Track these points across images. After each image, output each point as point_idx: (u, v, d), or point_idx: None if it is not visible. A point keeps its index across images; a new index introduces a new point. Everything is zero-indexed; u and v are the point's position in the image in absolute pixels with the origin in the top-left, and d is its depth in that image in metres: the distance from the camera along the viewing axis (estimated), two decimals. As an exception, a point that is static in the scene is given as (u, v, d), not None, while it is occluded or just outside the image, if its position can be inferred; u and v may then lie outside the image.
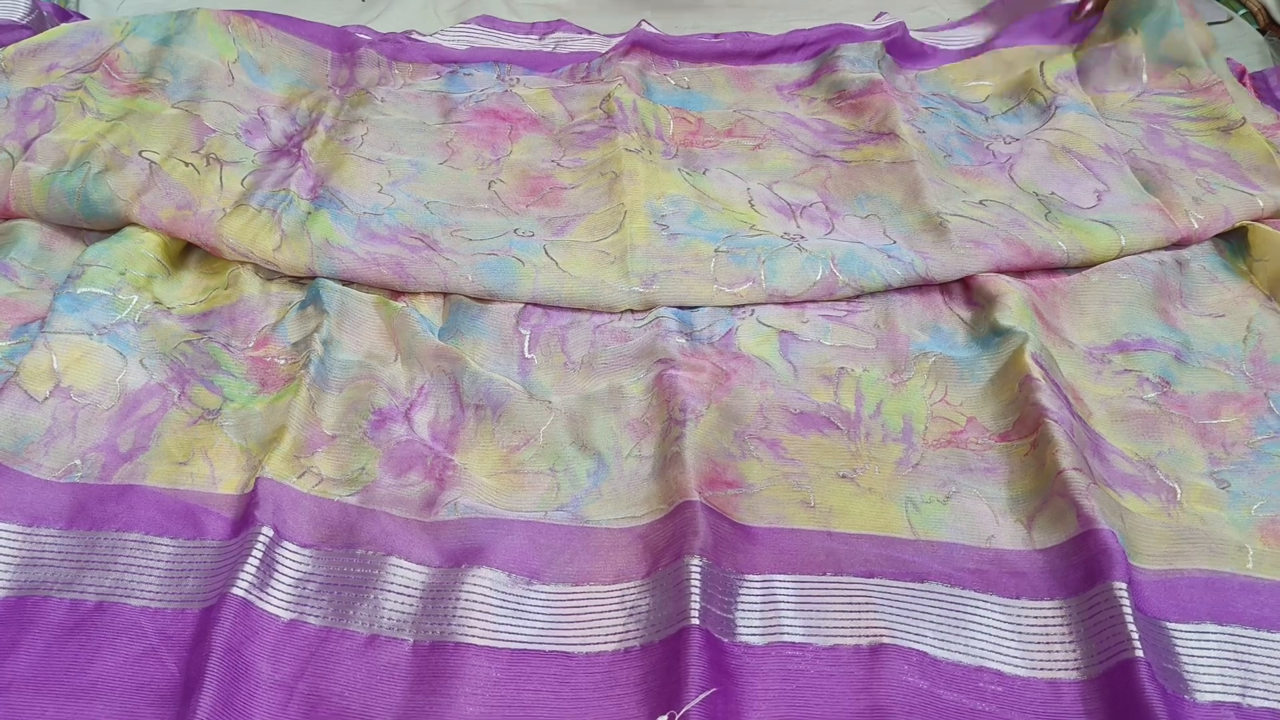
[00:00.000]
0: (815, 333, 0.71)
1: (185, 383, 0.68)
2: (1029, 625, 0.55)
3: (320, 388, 0.68)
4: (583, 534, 0.60)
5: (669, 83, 0.94)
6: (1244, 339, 0.71)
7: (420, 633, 0.55)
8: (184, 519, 0.61)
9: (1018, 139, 0.86)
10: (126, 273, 0.73)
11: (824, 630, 0.55)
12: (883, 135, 0.86)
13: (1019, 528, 0.59)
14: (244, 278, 0.75)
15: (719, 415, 0.66)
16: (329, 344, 0.70)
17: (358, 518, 0.61)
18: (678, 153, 0.87)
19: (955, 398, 0.67)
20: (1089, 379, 0.69)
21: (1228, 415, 0.66)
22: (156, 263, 0.75)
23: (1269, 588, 0.57)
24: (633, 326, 0.72)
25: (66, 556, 0.58)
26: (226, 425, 0.66)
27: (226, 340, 0.71)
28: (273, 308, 0.74)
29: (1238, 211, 0.78)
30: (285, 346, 0.71)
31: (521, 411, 0.67)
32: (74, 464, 0.63)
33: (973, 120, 0.90)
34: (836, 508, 0.61)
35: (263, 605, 0.55)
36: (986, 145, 0.86)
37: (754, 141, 0.87)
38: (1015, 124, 0.89)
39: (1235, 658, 0.54)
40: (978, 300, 0.73)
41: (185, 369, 0.69)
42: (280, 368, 0.70)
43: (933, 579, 0.57)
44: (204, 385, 0.68)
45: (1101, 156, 0.83)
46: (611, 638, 0.55)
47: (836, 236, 0.77)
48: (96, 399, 0.66)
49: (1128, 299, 0.73)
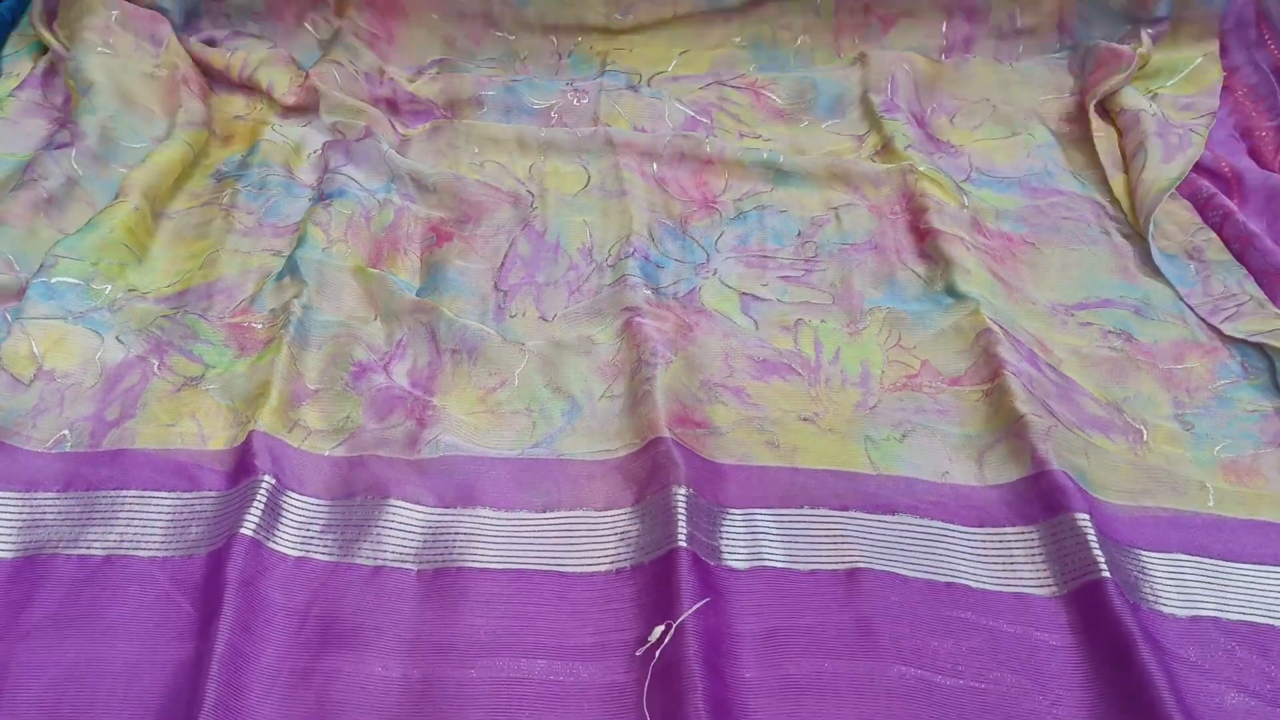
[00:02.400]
0: (774, 293, 0.79)
1: (164, 353, 0.72)
2: (992, 548, 0.62)
3: (300, 345, 0.73)
4: (560, 465, 0.66)
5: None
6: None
7: (423, 562, 0.61)
8: (178, 474, 0.65)
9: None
10: (99, 263, 0.77)
11: (803, 557, 0.61)
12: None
13: (971, 464, 0.66)
14: (222, 258, 0.80)
15: (685, 364, 0.72)
16: (308, 308, 0.75)
17: (348, 469, 0.66)
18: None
19: (909, 342, 0.74)
20: (1056, 330, 0.77)
21: (1191, 361, 0.74)
22: (127, 250, 0.79)
23: (1230, 524, 0.64)
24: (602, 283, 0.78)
25: (67, 517, 0.62)
26: (211, 388, 0.70)
27: (203, 311, 0.75)
28: (250, 282, 0.78)
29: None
30: (263, 313, 0.75)
31: (496, 354, 0.73)
32: (63, 434, 0.67)
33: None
34: (800, 446, 0.68)
35: (271, 545, 0.60)
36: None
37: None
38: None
39: (1208, 581, 0.61)
40: (931, 255, 0.81)
41: (163, 341, 0.73)
42: (258, 331, 0.74)
43: (902, 511, 0.63)
44: (183, 355, 0.72)
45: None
46: (604, 559, 0.61)
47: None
48: (79, 378, 0.70)
49: (1086, 264, 0.82)
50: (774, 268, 0.81)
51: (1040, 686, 0.55)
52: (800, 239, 0.83)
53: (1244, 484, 0.66)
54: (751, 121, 0.95)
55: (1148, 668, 0.54)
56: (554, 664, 0.56)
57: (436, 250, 0.81)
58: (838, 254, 0.82)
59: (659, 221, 0.84)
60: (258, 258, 0.81)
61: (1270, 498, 0.65)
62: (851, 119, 0.95)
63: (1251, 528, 0.64)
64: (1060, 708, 0.54)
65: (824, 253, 0.82)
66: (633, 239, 0.81)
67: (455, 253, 0.81)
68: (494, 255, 0.82)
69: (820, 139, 0.94)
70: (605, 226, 0.84)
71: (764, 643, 0.57)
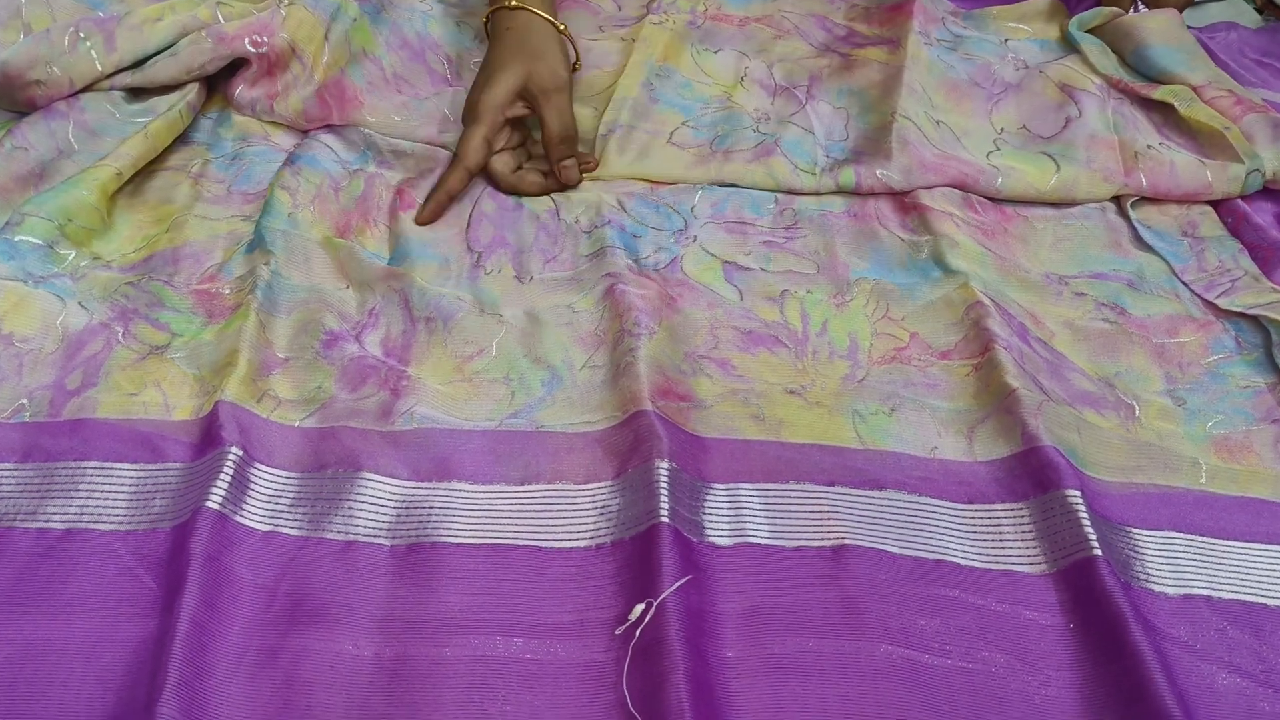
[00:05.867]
0: (757, 261, 0.78)
1: (129, 321, 0.71)
2: (981, 525, 0.61)
3: (269, 311, 0.71)
4: (539, 438, 0.65)
5: None
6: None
7: (396, 538, 0.59)
8: (141, 445, 0.63)
9: (1028, 66, 0.94)
10: (67, 225, 0.75)
11: (788, 534, 0.60)
12: (888, 41, 0.95)
13: (960, 439, 0.66)
14: (189, 223, 0.78)
15: (668, 335, 0.71)
16: (277, 274, 0.73)
17: (319, 440, 0.64)
18: (702, 25, 0.97)
19: (897, 313, 0.74)
20: (1049, 301, 0.76)
21: (1185, 335, 0.74)
22: (98, 215, 0.77)
23: (1222, 501, 0.63)
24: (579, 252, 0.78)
25: (25, 488, 0.61)
26: (176, 357, 0.69)
27: (169, 277, 0.74)
28: (219, 248, 0.77)
29: (1184, 175, 0.84)
30: (230, 279, 0.74)
31: (472, 324, 0.72)
32: (21, 404, 0.65)
33: (988, 45, 0.97)
34: (785, 420, 0.67)
35: (238, 519, 0.59)
36: (992, 68, 0.94)
37: (775, 32, 0.97)
38: (1033, 49, 0.97)
39: (1200, 559, 0.60)
40: (915, 228, 0.80)
41: (128, 309, 0.72)
42: (226, 297, 0.73)
43: (890, 486, 0.63)
44: (148, 323, 0.71)
45: (1091, 88, 0.91)
46: (584, 534, 0.60)
47: (798, 120, 0.87)
48: (39, 343, 0.69)
49: (1079, 238, 0.81)
50: (755, 234, 0.80)
51: (1029, 666, 0.55)
52: (778, 206, 0.83)
53: (1236, 461, 0.66)
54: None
55: (1139, 647, 0.53)
56: (531, 642, 0.55)
57: (400, 215, 0.80)
58: (818, 219, 0.81)
59: (627, 191, 0.83)
60: (227, 223, 0.79)
61: (1263, 474, 0.65)
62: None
63: (1243, 505, 0.63)
64: (1050, 688, 0.54)
65: (804, 219, 0.81)
66: (604, 210, 0.80)
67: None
68: (458, 218, 0.81)
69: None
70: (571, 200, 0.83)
71: (747, 621, 0.56)
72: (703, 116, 0.88)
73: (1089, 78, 0.91)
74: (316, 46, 0.87)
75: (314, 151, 0.83)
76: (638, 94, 0.89)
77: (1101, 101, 0.89)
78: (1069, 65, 0.93)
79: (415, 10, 0.93)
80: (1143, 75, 0.93)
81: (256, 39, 0.86)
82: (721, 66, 0.94)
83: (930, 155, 0.83)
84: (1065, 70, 0.92)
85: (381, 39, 0.89)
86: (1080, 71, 0.92)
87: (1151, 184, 0.84)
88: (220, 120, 0.89)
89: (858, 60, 0.94)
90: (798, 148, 0.85)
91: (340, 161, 0.84)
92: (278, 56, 0.87)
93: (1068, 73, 0.92)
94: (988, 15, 1.01)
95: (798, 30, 0.98)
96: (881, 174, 0.82)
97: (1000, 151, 0.86)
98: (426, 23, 0.92)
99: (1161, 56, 0.92)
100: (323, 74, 0.87)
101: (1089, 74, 0.91)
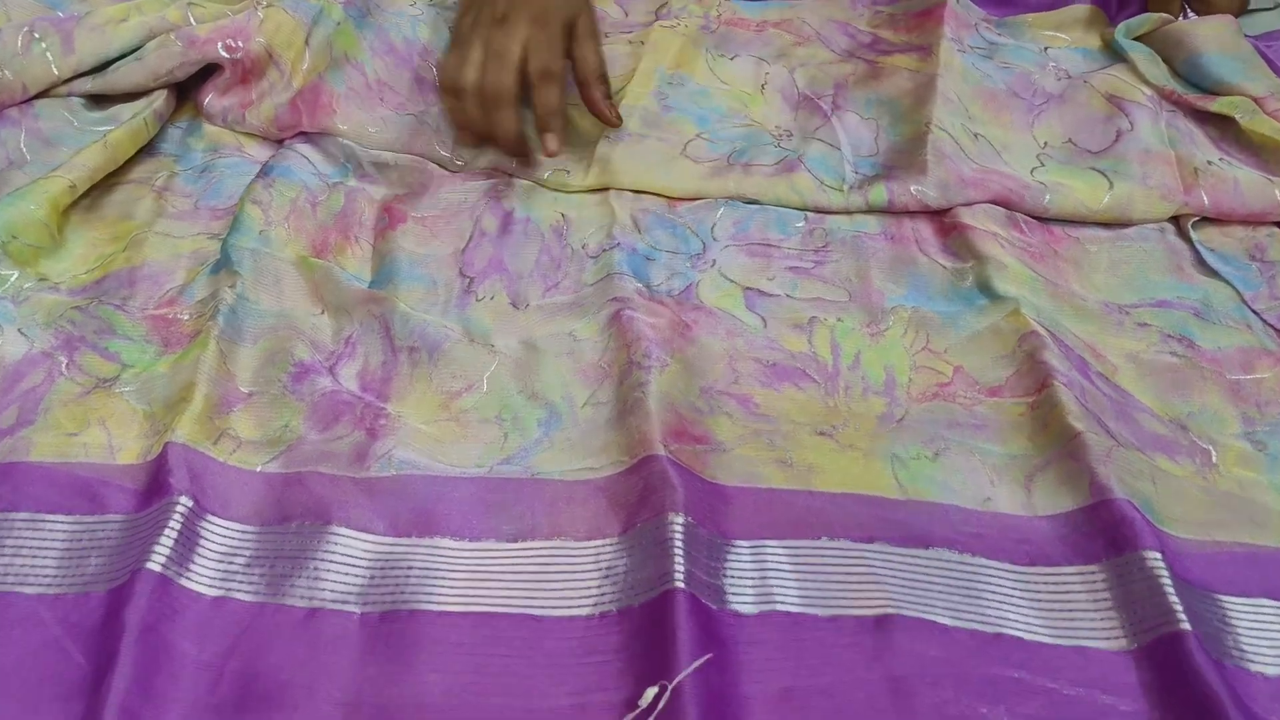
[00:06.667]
0: (782, 287, 0.70)
1: (74, 350, 0.63)
2: (1046, 591, 0.53)
3: (232, 339, 0.63)
4: (534, 487, 0.57)
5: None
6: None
7: (368, 604, 0.51)
8: (79, 493, 0.56)
9: (1071, 76, 0.86)
10: (10, 242, 0.67)
11: (823, 600, 0.52)
12: (918, 48, 0.88)
13: (1017, 489, 0.58)
14: (149, 240, 0.71)
15: (682, 367, 0.64)
16: (243, 298, 0.66)
17: (283, 488, 0.57)
18: (717, 30, 0.90)
19: (939, 344, 0.66)
20: (1110, 332, 0.68)
21: (1261, 370, 0.66)
22: (46, 232, 0.69)
23: None
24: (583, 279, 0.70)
25: None
26: (126, 391, 0.61)
27: (122, 301, 0.66)
28: (181, 269, 0.69)
29: (1249, 192, 0.76)
30: (191, 303, 0.67)
31: (461, 355, 0.64)
32: None
33: (1026, 53, 0.90)
34: (816, 465, 0.59)
35: (183, 582, 0.51)
36: (1032, 78, 0.86)
37: (795, 38, 0.90)
38: (1076, 57, 0.89)
39: None
40: (957, 251, 0.72)
41: (74, 336, 0.64)
42: (184, 323, 0.65)
43: (938, 544, 0.55)
44: (96, 352, 0.63)
45: (1142, 99, 0.83)
46: (585, 601, 0.52)
47: (823, 135, 0.80)
48: None
49: (1137, 261, 0.73)
50: (780, 258, 0.72)
51: (1110, 762, 0.47)
52: (807, 225, 0.75)
53: (1329, 514, 0.58)
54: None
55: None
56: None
57: (389, 233, 0.72)
58: (850, 241, 0.73)
59: (643, 208, 0.75)
60: (192, 241, 0.72)
61: (1362, 531, 0.57)
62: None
63: (1346, 568, 0.55)
64: (1135, 788, 0.46)
65: (835, 240, 0.74)
66: (615, 231, 0.73)
67: (412, 237, 0.72)
68: (458, 237, 0.73)
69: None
70: (582, 217, 0.75)
71: (778, 706, 0.48)
72: (720, 130, 0.81)
73: (1139, 88, 0.84)
74: (296, 52, 0.80)
75: (289, 162, 0.76)
76: (648, 102, 0.82)
77: (1154, 114, 0.82)
78: (1116, 75, 0.85)
79: (404, 14, 0.85)
80: (1195, 86, 0.86)
81: (230, 43, 0.79)
82: (739, 73, 0.86)
83: (969, 170, 0.75)
84: (1113, 80, 0.85)
85: (366, 43, 0.82)
86: (1129, 81, 0.84)
87: (1214, 203, 0.76)
88: (190, 130, 0.81)
89: (885, 68, 0.86)
90: (823, 163, 0.77)
91: (318, 174, 0.76)
92: (253, 63, 0.80)
93: (1115, 83, 0.84)
94: (1022, 23, 0.94)
95: (819, 36, 0.91)
96: (916, 190, 0.74)
97: (1045, 167, 0.78)
98: (415, 27, 0.85)
99: (1217, 65, 0.85)
100: (301, 81, 0.80)
101: (1138, 84, 0.84)
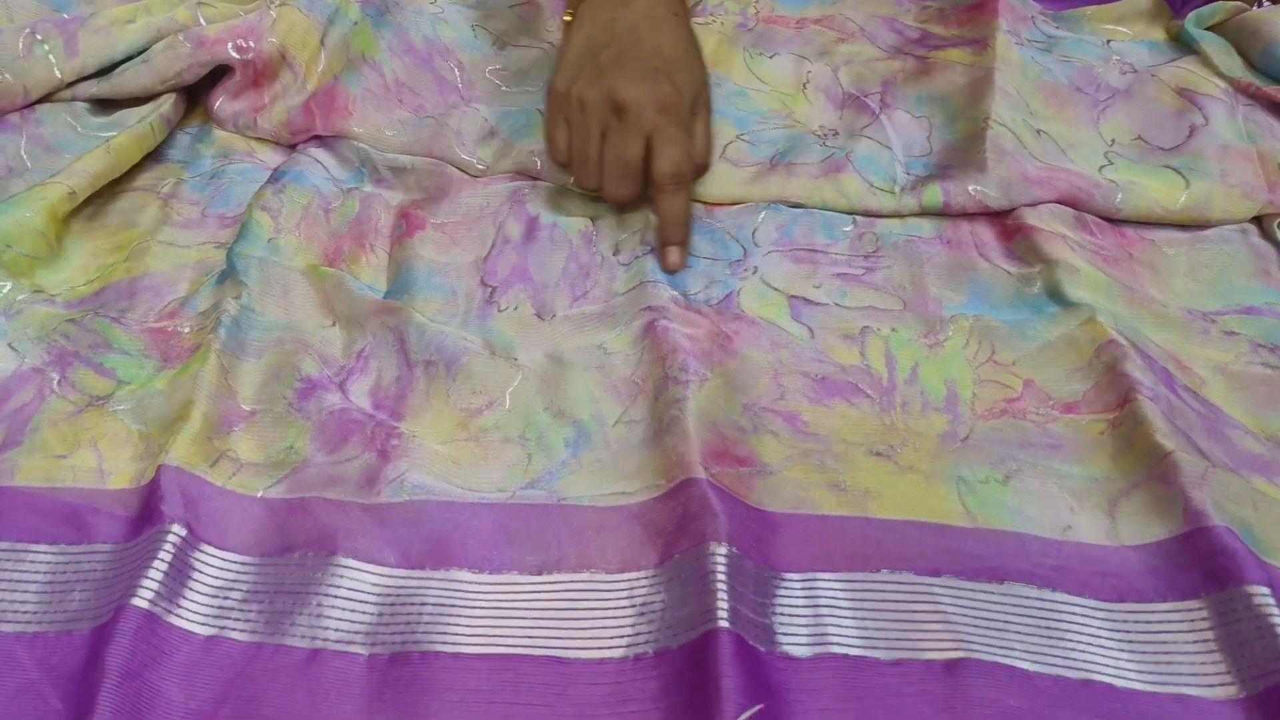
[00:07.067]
0: (830, 296, 0.64)
1: (67, 366, 0.59)
2: (1139, 632, 0.47)
3: (234, 354, 0.59)
4: (561, 513, 0.52)
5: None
6: None
7: (377, 644, 0.46)
8: (66, 521, 0.51)
9: (1136, 70, 0.80)
10: (5, 251, 0.63)
11: (885, 642, 0.47)
12: (972, 41, 0.82)
13: (1100, 516, 0.52)
14: (152, 250, 0.67)
15: (723, 382, 0.58)
16: (247, 309, 0.61)
17: (286, 515, 0.52)
18: (754, 28, 0.85)
19: (1005, 355, 0.60)
20: (1194, 341, 0.62)
21: None
22: (44, 241, 0.65)
23: None
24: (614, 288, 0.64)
25: None
26: (120, 409, 0.57)
27: (120, 314, 0.62)
28: (185, 280, 0.65)
29: None
30: (193, 315, 0.62)
31: (482, 369, 0.59)
32: None
33: (1088, 46, 0.84)
34: (872, 489, 0.53)
35: (172, 620, 0.46)
36: (1095, 71, 0.80)
37: (838, 34, 0.85)
38: (1141, 50, 0.83)
39: None
40: (1021, 255, 0.67)
41: (67, 351, 0.60)
42: (185, 336, 0.61)
43: (1013, 578, 0.49)
44: (90, 368, 0.59)
45: (1215, 93, 0.77)
46: (618, 642, 0.47)
47: (872, 132, 0.74)
48: None
49: (1219, 265, 0.67)
50: (827, 264, 0.67)
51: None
52: (855, 229, 0.69)
53: None
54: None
55: None
56: (548, 790, 0.42)
57: (407, 241, 0.68)
58: (904, 246, 0.68)
59: None
60: (197, 251, 0.67)
61: None
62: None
63: None
64: None
65: (886, 245, 0.68)
66: (648, 236, 0.67)
67: (431, 244, 0.68)
68: (480, 244, 0.68)
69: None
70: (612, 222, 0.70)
71: (837, 764, 0.43)
72: (761, 132, 0.76)
73: (1212, 81, 0.78)
74: (310, 53, 0.76)
75: (301, 167, 0.71)
76: None
77: (1229, 107, 0.76)
78: (1186, 67, 0.79)
79: (424, 12, 0.81)
80: (1274, 78, 0.80)
81: (242, 44, 0.75)
82: (779, 72, 0.81)
83: (1033, 168, 0.70)
84: (1182, 73, 0.79)
85: (384, 43, 0.78)
86: (1200, 74, 0.78)
87: None
88: (200, 135, 0.77)
89: (937, 63, 0.81)
90: (872, 163, 0.72)
91: (332, 179, 0.72)
92: (265, 64, 0.75)
93: (1186, 75, 0.78)
94: (1081, 16, 0.88)
95: (863, 32, 0.86)
96: (975, 190, 0.69)
97: (1114, 165, 0.72)
98: (436, 26, 0.80)
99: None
100: (316, 83, 0.75)
101: (1211, 76, 0.78)
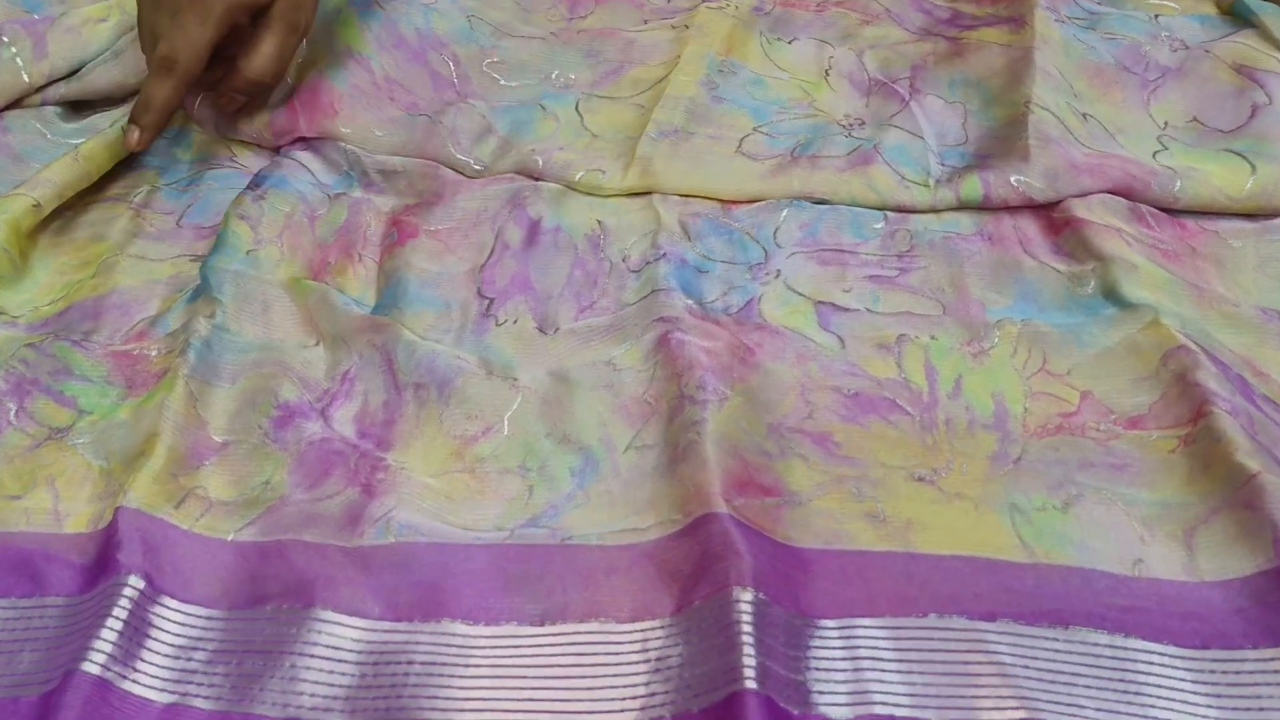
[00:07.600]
0: (861, 300, 0.59)
1: (25, 395, 0.54)
2: (1226, 683, 0.41)
3: (205, 379, 0.53)
4: (566, 554, 0.47)
5: None
6: None
7: (358, 711, 0.41)
8: (16, 571, 0.46)
9: (1188, 46, 0.75)
10: None
11: (936, 699, 0.41)
12: (1008, 20, 0.77)
13: (1175, 547, 0.46)
14: (121, 265, 0.62)
15: (745, 401, 0.53)
16: (221, 329, 0.56)
17: (259, 561, 0.46)
18: (771, 11, 0.81)
19: (1059, 365, 0.54)
20: (1271, 345, 0.56)
21: None
22: (7, 259, 0.61)
23: None
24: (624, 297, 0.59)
25: None
26: (80, 443, 0.52)
27: (84, 336, 0.57)
28: (155, 298, 0.60)
29: None
30: (162, 337, 0.57)
31: (477, 392, 0.54)
32: None
33: (1134, 22, 0.78)
34: (915, 520, 0.48)
35: (127, 686, 0.41)
36: (1142, 49, 0.75)
37: (862, 17, 0.81)
38: (1193, 25, 0.78)
39: None
40: (1072, 252, 0.61)
41: (25, 379, 0.55)
42: (152, 360, 0.56)
43: (1079, 622, 0.43)
44: (50, 397, 0.54)
45: (1277, 68, 0.71)
46: (631, 703, 0.41)
47: (901, 121, 0.70)
48: None
49: None
50: (856, 265, 0.61)
51: None
52: (887, 225, 0.64)
53: None
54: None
55: None
56: None
57: (398, 250, 0.62)
58: (941, 244, 0.62)
59: (693, 212, 0.65)
60: (171, 264, 0.62)
61: None
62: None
63: None
64: None
65: (921, 243, 0.63)
66: (660, 240, 0.62)
67: (423, 253, 0.62)
68: (477, 251, 0.63)
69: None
70: (622, 225, 0.64)
71: None
72: (780, 123, 0.70)
73: (1273, 55, 0.72)
74: None
75: (284, 171, 0.66)
76: (696, 92, 0.71)
77: None
78: (1244, 42, 0.73)
79: (414, 3, 0.76)
80: None
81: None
82: (799, 59, 0.76)
83: (1081, 155, 0.64)
84: (1239, 48, 0.73)
85: (371, 36, 0.72)
86: (1260, 49, 0.73)
87: None
88: (177, 139, 0.72)
89: (970, 44, 0.75)
90: (904, 154, 0.66)
91: (318, 184, 0.66)
92: (245, 59, 0.70)
93: (1244, 51, 0.73)
94: None
95: (889, 14, 0.80)
96: (1017, 180, 0.63)
97: (1169, 150, 0.67)
98: (429, 17, 0.75)
99: None
100: (297, 77, 0.70)
101: (1272, 51, 0.72)
